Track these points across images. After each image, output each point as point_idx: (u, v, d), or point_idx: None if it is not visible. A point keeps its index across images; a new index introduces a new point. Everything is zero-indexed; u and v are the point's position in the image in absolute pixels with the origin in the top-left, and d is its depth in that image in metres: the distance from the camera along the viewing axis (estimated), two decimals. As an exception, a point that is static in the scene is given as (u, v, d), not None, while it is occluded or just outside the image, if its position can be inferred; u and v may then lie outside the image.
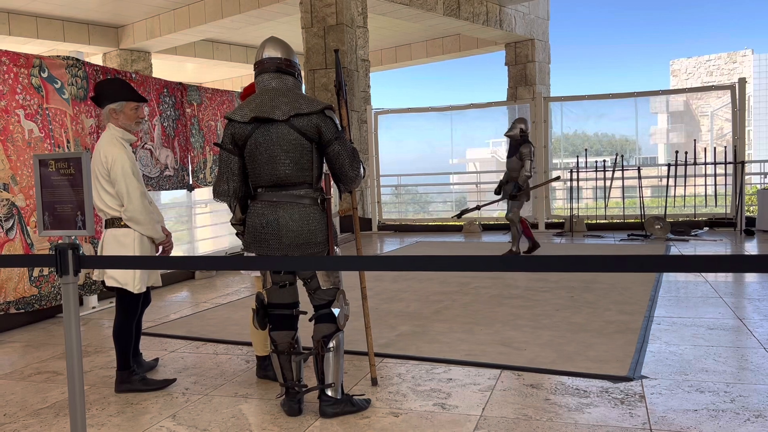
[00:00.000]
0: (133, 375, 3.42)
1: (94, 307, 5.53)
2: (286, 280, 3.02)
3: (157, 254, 3.46)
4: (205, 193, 7.72)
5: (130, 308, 3.43)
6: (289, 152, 2.86)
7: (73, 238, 4.85)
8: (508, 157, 7.65)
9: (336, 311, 2.99)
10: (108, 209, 3.33)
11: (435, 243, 9.59)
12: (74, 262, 2.07)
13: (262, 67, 2.97)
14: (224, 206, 7.75)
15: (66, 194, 2.16)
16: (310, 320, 3.05)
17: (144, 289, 3.42)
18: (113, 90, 3.40)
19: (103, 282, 3.44)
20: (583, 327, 4.35)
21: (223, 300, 5.79)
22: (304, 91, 3.12)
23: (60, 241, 4.75)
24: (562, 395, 3.12)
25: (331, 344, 2.96)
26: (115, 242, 3.33)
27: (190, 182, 7.00)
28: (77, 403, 2.35)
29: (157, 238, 3.41)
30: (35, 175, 2.20)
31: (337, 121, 2.95)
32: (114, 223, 3.34)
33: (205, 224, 7.93)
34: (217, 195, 3.01)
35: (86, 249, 5.42)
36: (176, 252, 7.55)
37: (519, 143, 7.50)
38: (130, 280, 3.35)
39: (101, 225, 5.00)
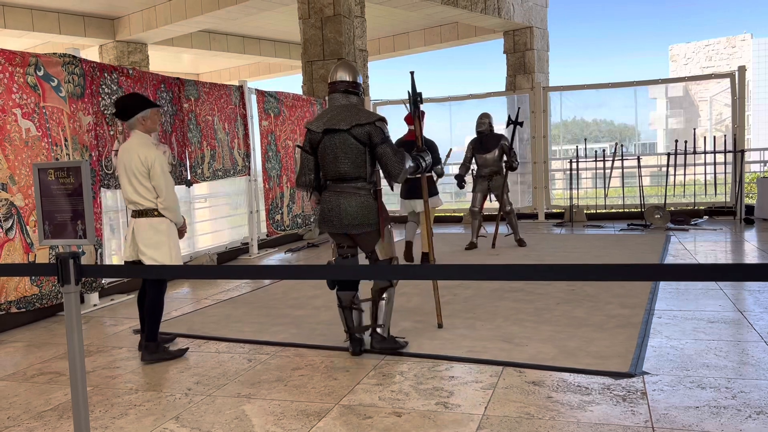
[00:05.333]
0: (159, 346, 3.99)
1: (95, 305, 5.54)
2: (348, 253, 3.97)
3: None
4: (204, 188, 7.71)
5: (159, 285, 4.04)
6: (348, 154, 3.77)
7: (79, 247, 4.83)
8: (485, 152, 7.62)
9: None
10: (144, 201, 3.97)
11: (436, 235, 9.58)
12: (75, 271, 2.07)
13: (334, 87, 3.92)
14: (223, 201, 8.15)
15: (66, 203, 2.15)
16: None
17: (181, 263, 4.11)
18: (138, 102, 4.03)
19: (135, 261, 4.01)
20: (584, 321, 4.36)
21: (224, 296, 5.79)
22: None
23: (61, 250, 4.80)
24: (564, 392, 3.13)
25: (385, 295, 3.91)
26: (151, 229, 3.99)
27: (189, 177, 6.98)
28: (81, 408, 2.36)
29: (179, 223, 4.11)
30: (35, 184, 2.19)
31: (386, 130, 3.82)
32: (148, 213, 3.99)
33: (204, 219, 7.92)
34: (299, 186, 3.99)
35: (88, 251, 5.41)
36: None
37: (490, 138, 7.63)
38: (168, 259, 3.97)
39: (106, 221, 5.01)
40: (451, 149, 7.68)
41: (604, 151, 10.31)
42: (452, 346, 3.94)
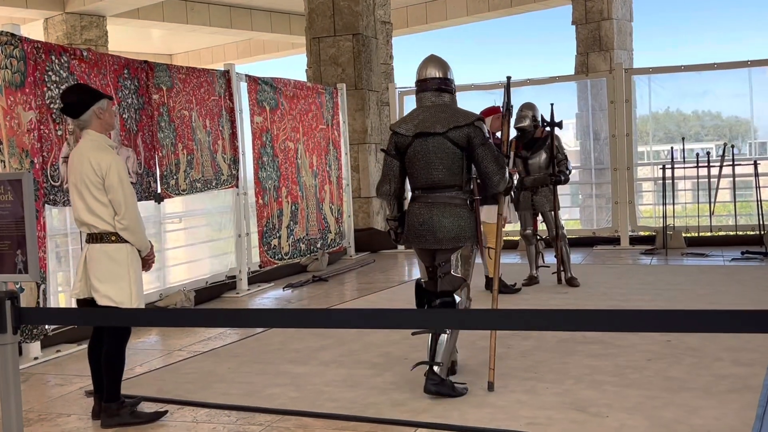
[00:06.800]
0: (123, 407, 4.01)
1: (36, 358, 5.60)
2: (432, 267, 4.47)
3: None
4: (178, 204, 7.78)
5: (121, 331, 4.05)
6: (443, 159, 4.33)
7: (17, 283, 4.90)
8: (528, 156, 7.53)
9: (458, 299, 4.34)
10: (99, 222, 4.01)
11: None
12: (13, 316, 2.10)
13: (424, 86, 4.50)
14: (202, 222, 8.21)
15: (3, 227, 2.20)
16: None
17: (143, 305, 4.16)
18: (89, 92, 4.14)
19: (86, 300, 4.07)
20: (684, 384, 4.31)
21: (203, 347, 5.82)
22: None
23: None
24: (659, 481, 3.08)
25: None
26: (106, 258, 4.02)
27: (159, 191, 7.07)
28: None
29: (144, 249, 4.16)
30: (-37, 202, 2.23)
31: (485, 130, 4.38)
32: (103, 238, 4.02)
33: (179, 245, 7.99)
34: (380, 194, 4.63)
35: (27, 288, 5.49)
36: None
37: (532, 136, 7.52)
38: (127, 298, 3.99)
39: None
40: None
41: (708, 153, 10.23)
42: (506, 415, 3.91)
